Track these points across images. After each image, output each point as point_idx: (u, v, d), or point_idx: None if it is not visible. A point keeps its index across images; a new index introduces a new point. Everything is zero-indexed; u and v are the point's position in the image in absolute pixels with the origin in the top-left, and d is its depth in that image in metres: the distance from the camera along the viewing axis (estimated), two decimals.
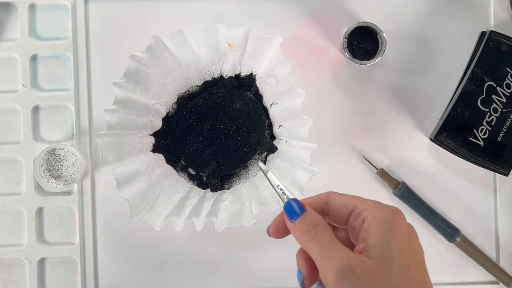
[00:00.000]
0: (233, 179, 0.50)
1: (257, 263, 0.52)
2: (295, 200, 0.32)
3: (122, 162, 0.46)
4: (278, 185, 0.33)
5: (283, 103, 0.47)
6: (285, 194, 0.33)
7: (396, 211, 0.31)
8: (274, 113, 0.49)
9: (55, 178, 0.50)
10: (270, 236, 0.34)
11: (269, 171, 0.34)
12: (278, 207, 0.45)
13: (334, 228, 0.34)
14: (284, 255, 0.52)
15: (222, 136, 0.49)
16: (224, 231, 0.46)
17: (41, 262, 0.52)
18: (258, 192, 0.48)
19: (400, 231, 0.30)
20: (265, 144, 0.49)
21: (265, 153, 0.51)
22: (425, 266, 0.32)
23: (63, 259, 0.52)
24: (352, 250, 0.31)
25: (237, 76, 0.49)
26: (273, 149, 0.49)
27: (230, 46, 0.47)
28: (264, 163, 0.50)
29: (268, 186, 0.48)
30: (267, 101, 0.50)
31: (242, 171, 0.50)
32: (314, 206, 0.33)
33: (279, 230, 0.33)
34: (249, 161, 0.50)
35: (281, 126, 0.49)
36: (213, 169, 0.49)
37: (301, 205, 0.32)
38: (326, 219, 0.33)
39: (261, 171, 0.50)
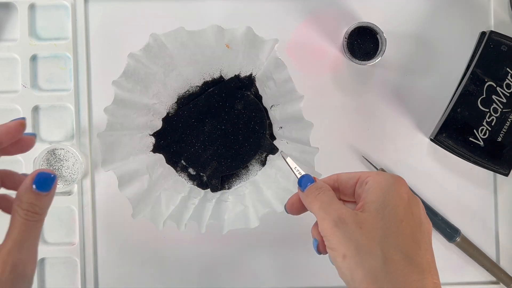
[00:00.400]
0: (234, 179, 0.50)
1: (258, 263, 0.52)
2: (307, 175, 0.37)
3: (123, 162, 0.46)
4: (296, 167, 0.38)
5: (283, 107, 0.47)
6: (300, 174, 0.38)
7: (398, 178, 0.34)
8: (274, 115, 0.49)
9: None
10: (287, 212, 0.38)
11: (288, 157, 0.39)
12: (282, 209, 0.45)
13: (344, 202, 0.37)
14: (285, 255, 0.52)
15: (223, 136, 0.49)
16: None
17: (41, 262, 0.52)
18: (261, 194, 0.48)
19: (399, 193, 0.34)
20: (266, 145, 0.49)
21: (265, 154, 0.51)
22: (424, 234, 0.34)
23: (63, 259, 0.52)
24: None
25: (237, 77, 0.49)
26: (273, 150, 0.49)
27: (228, 48, 0.47)
28: (264, 163, 0.50)
29: (270, 187, 0.48)
30: (266, 102, 0.50)
31: (243, 171, 0.50)
32: (325, 182, 0.37)
33: (293, 206, 0.38)
34: (250, 162, 0.50)
35: (281, 127, 0.49)
36: (213, 169, 0.49)
37: (311, 178, 0.37)
38: (337, 195, 0.36)
39: (261, 169, 0.50)
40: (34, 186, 0.34)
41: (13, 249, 0.34)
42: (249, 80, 0.49)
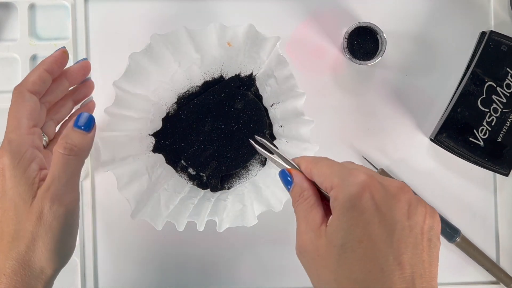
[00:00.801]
0: (234, 179, 0.50)
1: (258, 263, 0.52)
2: (282, 172, 0.35)
3: (122, 162, 0.46)
4: (272, 156, 0.37)
5: (284, 104, 0.47)
6: (282, 161, 0.36)
7: (360, 187, 0.30)
8: (275, 114, 0.49)
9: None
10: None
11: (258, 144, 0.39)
12: (281, 208, 0.45)
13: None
14: (285, 255, 0.52)
15: (223, 136, 0.49)
16: (224, 231, 0.46)
17: None
18: (260, 193, 0.48)
19: (359, 209, 0.29)
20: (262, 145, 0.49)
21: None
22: (397, 243, 0.29)
23: None
24: None
25: (237, 76, 0.49)
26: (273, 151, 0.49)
27: (229, 46, 0.47)
28: (265, 163, 0.50)
29: (269, 186, 0.48)
30: (267, 101, 0.50)
31: (242, 171, 0.50)
32: (306, 173, 0.34)
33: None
34: (250, 162, 0.50)
35: (281, 126, 0.49)
36: (213, 169, 0.49)
37: (287, 178, 0.35)
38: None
39: (261, 169, 0.50)
40: (75, 124, 0.37)
41: (52, 184, 0.36)
42: (250, 80, 0.49)
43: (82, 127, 0.38)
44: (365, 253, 0.29)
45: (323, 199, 0.34)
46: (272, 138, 0.50)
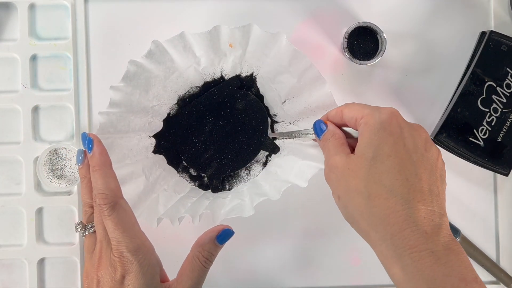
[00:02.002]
0: (235, 180, 0.50)
1: (257, 263, 0.52)
2: (318, 122, 0.41)
3: (119, 165, 0.46)
4: (294, 134, 0.44)
5: (300, 97, 0.47)
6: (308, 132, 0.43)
7: (388, 115, 0.36)
8: (288, 110, 0.49)
9: (57, 178, 0.50)
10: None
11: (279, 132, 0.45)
12: (278, 197, 0.45)
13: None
14: (284, 256, 0.52)
15: (224, 136, 0.49)
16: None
17: (41, 262, 0.52)
18: (259, 188, 0.48)
19: (388, 129, 0.35)
20: (267, 145, 0.49)
21: (266, 154, 0.50)
22: (421, 162, 0.35)
23: (63, 259, 0.52)
24: None
25: (238, 76, 0.49)
26: (275, 150, 0.49)
27: (231, 46, 0.47)
28: (265, 163, 0.50)
29: (268, 182, 0.48)
30: (273, 100, 0.49)
31: (244, 172, 0.50)
32: (335, 120, 0.40)
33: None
34: (251, 162, 0.50)
35: (294, 122, 0.49)
36: (214, 169, 0.49)
37: (322, 125, 0.41)
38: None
39: (262, 170, 0.50)
40: (217, 241, 0.42)
41: None
42: (250, 80, 0.49)
43: (222, 242, 0.42)
44: (393, 165, 0.35)
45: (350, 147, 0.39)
46: (273, 138, 0.50)
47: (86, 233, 0.43)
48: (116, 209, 0.40)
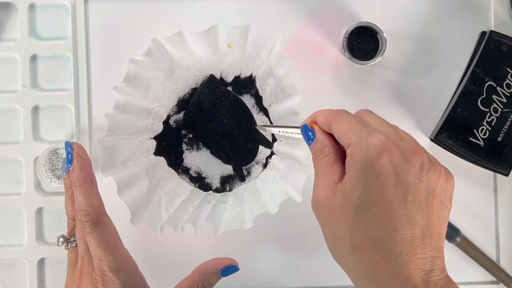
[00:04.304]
0: (235, 181, 0.50)
1: (257, 263, 0.52)
2: (304, 127, 0.36)
3: (122, 167, 0.46)
4: (281, 130, 0.39)
5: (281, 103, 0.47)
6: (294, 127, 0.38)
7: (378, 150, 0.30)
8: (273, 114, 0.49)
9: (58, 178, 0.50)
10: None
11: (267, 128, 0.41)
12: (276, 210, 0.45)
13: None
14: (284, 256, 0.52)
15: (228, 135, 0.49)
16: (224, 232, 0.46)
17: (41, 262, 0.52)
18: (258, 196, 0.48)
19: (376, 170, 0.30)
20: (261, 139, 0.49)
21: (266, 155, 0.50)
22: (411, 207, 0.30)
23: (63, 259, 0.52)
24: None
25: (237, 78, 0.49)
26: (269, 145, 0.49)
27: (229, 47, 0.47)
28: (266, 165, 0.50)
29: (268, 189, 0.48)
30: (266, 101, 0.49)
31: (244, 172, 0.50)
32: (325, 128, 0.35)
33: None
34: (259, 152, 0.50)
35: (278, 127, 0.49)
36: (237, 160, 0.50)
37: (309, 133, 0.35)
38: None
39: (262, 172, 0.50)
40: (221, 273, 0.42)
41: None
42: (250, 80, 0.49)
43: (225, 275, 0.43)
44: (380, 213, 0.30)
45: (343, 155, 0.34)
46: (273, 140, 0.50)
47: (69, 246, 0.42)
48: (98, 226, 0.40)
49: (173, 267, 0.52)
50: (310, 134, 0.35)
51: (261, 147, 0.50)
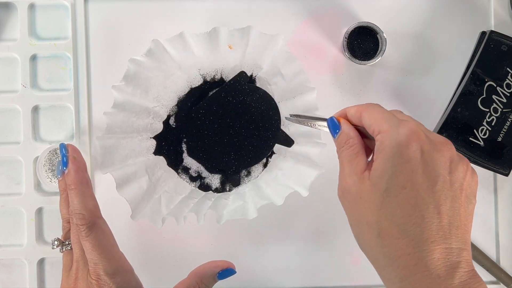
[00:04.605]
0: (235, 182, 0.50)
1: (258, 263, 0.52)
2: (331, 120, 0.37)
3: (122, 165, 0.46)
4: (309, 122, 0.40)
5: (293, 101, 0.48)
6: (321, 119, 0.39)
7: (408, 136, 0.31)
8: (281, 112, 0.49)
9: (57, 179, 0.50)
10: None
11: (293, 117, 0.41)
12: (282, 203, 0.45)
13: None
14: (285, 256, 0.52)
15: (239, 131, 0.49)
16: (225, 231, 0.46)
17: (41, 262, 0.52)
18: (261, 191, 0.48)
19: (405, 155, 0.31)
20: (281, 138, 0.49)
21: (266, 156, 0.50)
22: (439, 194, 0.31)
23: None
24: None
25: (244, 72, 0.49)
26: (290, 143, 0.49)
27: (230, 48, 0.47)
28: (266, 165, 0.50)
29: (270, 185, 0.48)
30: None
31: (243, 173, 0.50)
32: (353, 120, 0.36)
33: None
34: (266, 155, 0.50)
35: (285, 125, 0.49)
36: (233, 165, 0.49)
37: (336, 124, 0.36)
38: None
39: (263, 171, 0.50)
40: (217, 276, 0.42)
41: None
42: (250, 81, 0.49)
43: (221, 279, 0.43)
44: (408, 199, 0.30)
45: (367, 148, 0.35)
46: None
47: (64, 249, 0.42)
48: (94, 230, 0.39)
49: (172, 267, 0.52)
50: (336, 125, 0.36)
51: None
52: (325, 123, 0.38)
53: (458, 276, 0.30)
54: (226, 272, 0.42)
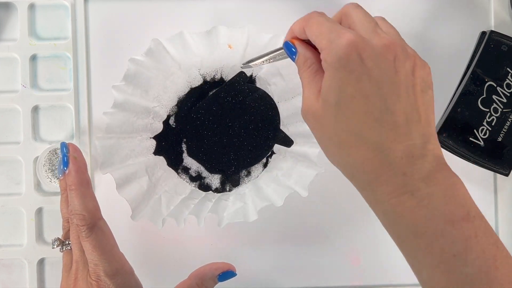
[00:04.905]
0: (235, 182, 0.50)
1: (258, 263, 0.52)
2: (286, 44, 0.37)
3: (121, 165, 0.46)
4: (266, 59, 0.41)
5: (291, 101, 0.48)
6: (278, 50, 0.39)
7: (346, 48, 0.31)
8: (282, 112, 0.49)
9: (57, 178, 0.50)
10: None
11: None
12: (281, 203, 0.45)
13: None
14: (285, 256, 0.52)
15: (238, 131, 0.49)
16: (225, 231, 0.46)
17: (41, 262, 0.52)
18: (261, 191, 0.48)
19: (348, 68, 0.31)
20: (280, 138, 0.49)
21: (266, 156, 0.50)
22: (390, 91, 0.31)
23: None
24: None
25: (243, 73, 0.49)
26: (289, 143, 0.49)
27: (230, 48, 0.47)
28: (266, 165, 0.50)
29: (270, 185, 0.48)
30: None
31: (243, 173, 0.50)
32: (302, 37, 0.36)
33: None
34: (266, 155, 0.50)
35: (285, 125, 0.49)
36: (232, 166, 0.49)
37: (291, 48, 0.36)
38: None
39: (262, 172, 0.50)
40: (218, 278, 0.42)
41: None
42: (250, 81, 0.49)
43: (222, 281, 0.43)
44: (358, 107, 0.31)
45: None
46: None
47: (64, 249, 0.42)
48: (94, 230, 0.39)
49: (172, 268, 0.52)
50: (292, 49, 0.36)
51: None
52: (282, 51, 0.38)
53: (424, 171, 0.30)
54: (227, 274, 0.42)
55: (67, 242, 0.42)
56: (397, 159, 0.30)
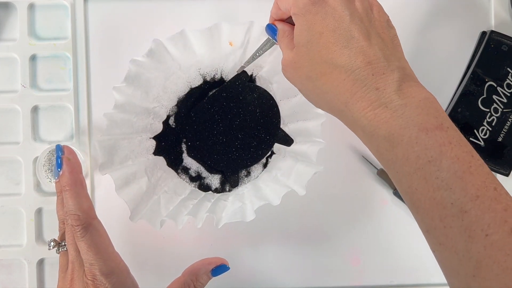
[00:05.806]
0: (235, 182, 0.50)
1: (257, 263, 0.52)
2: (268, 26, 0.41)
3: (121, 166, 0.46)
4: (257, 53, 0.44)
5: (293, 100, 0.48)
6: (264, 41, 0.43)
7: (313, 4, 0.34)
8: (283, 110, 0.49)
9: (55, 180, 0.50)
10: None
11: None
12: (278, 202, 0.45)
13: None
14: (285, 256, 0.52)
15: (238, 131, 0.49)
16: (224, 232, 0.46)
17: (41, 262, 0.52)
18: (259, 191, 0.48)
19: (313, 11, 0.34)
20: (281, 137, 0.49)
21: (266, 155, 0.50)
22: (352, 20, 0.34)
23: None
24: None
25: (244, 72, 0.49)
26: (289, 142, 0.49)
27: (231, 45, 0.47)
28: (266, 165, 0.50)
29: (269, 185, 0.48)
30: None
31: (243, 173, 0.50)
32: (280, 16, 0.40)
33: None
34: (266, 155, 0.50)
35: (287, 124, 0.49)
36: (232, 165, 0.49)
37: (273, 28, 0.40)
38: None
39: (262, 172, 0.50)
40: (211, 273, 0.43)
41: None
42: (250, 80, 0.49)
43: (215, 275, 0.43)
44: (327, 39, 0.34)
45: None
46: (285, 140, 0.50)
47: (60, 250, 0.42)
48: (89, 230, 0.39)
49: (170, 268, 0.52)
50: (274, 28, 0.40)
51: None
52: (269, 39, 0.42)
53: (396, 85, 0.32)
54: (220, 268, 0.43)
55: (63, 243, 0.42)
56: (368, 76, 0.33)
